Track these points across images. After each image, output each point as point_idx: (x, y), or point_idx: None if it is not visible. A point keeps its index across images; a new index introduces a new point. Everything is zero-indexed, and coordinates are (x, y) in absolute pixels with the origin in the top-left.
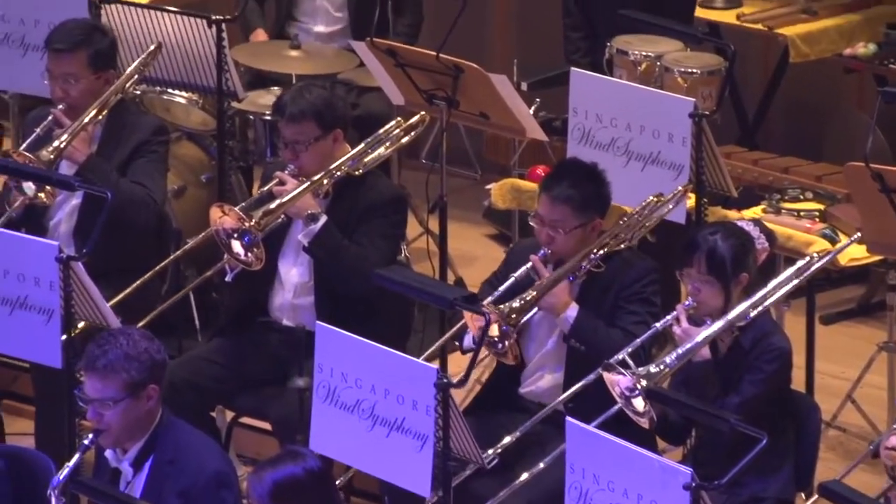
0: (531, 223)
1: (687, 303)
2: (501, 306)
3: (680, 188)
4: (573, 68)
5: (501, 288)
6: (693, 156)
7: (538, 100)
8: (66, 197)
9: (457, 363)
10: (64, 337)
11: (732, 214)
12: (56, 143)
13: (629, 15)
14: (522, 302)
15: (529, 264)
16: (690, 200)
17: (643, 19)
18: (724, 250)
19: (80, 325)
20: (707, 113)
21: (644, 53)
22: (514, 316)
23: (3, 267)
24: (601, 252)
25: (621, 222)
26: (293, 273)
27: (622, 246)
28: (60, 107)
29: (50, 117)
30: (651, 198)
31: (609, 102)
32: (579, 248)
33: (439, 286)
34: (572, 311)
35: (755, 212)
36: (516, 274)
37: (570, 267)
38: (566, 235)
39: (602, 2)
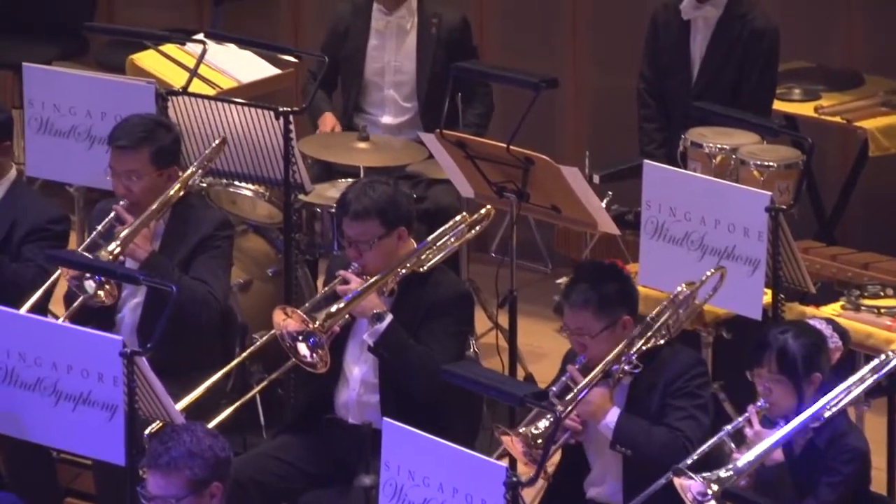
0: (560, 333)
1: (759, 403)
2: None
3: (711, 271)
4: (646, 161)
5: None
6: (769, 251)
7: (610, 192)
8: (132, 292)
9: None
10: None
11: (810, 311)
12: (117, 241)
13: (704, 107)
14: (558, 413)
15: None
16: (767, 296)
17: (718, 111)
18: (795, 349)
19: (155, 425)
20: (784, 207)
21: (719, 146)
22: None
23: (67, 362)
24: (635, 351)
25: (648, 319)
26: (358, 371)
27: (662, 342)
28: (122, 203)
29: (112, 214)
30: (681, 286)
31: (683, 196)
32: (614, 350)
33: (509, 382)
34: (612, 416)
35: (833, 308)
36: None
37: (600, 370)
38: (594, 340)
39: (677, 93)
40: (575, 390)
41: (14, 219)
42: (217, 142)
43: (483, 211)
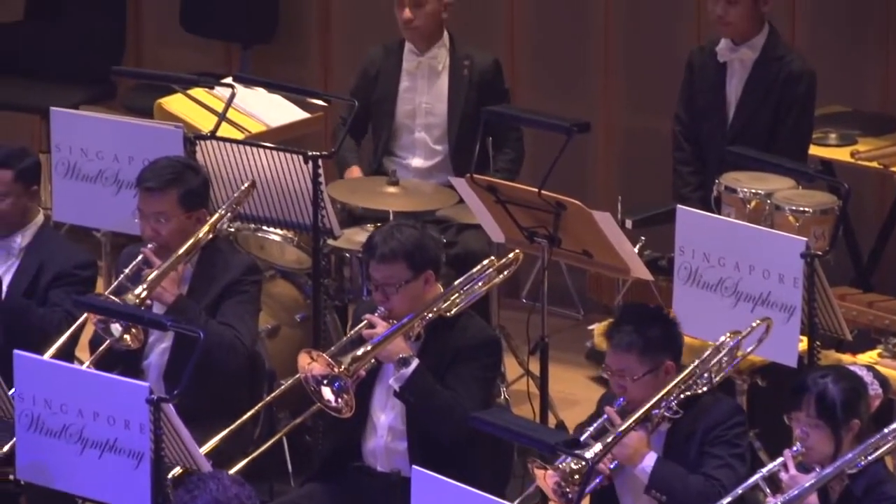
0: (603, 374)
1: (795, 448)
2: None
3: (757, 322)
4: (679, 206)
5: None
6: (805, 297)
7: (643, 238)
8: (159, 337)
9: None
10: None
11: (846, 358)
12: (143, 285)
13: (738, 151)
14: (595, 454)
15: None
16: (802, 344)
17: (753, 156)
18: (834, 394)
19: (177, 470)
20: (820, 253)
21: (753, 191)
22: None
23: (94, 409)
24: (676, 399)
25: (691, 367)
26: (385, 417)
27: (703, 389)
28: (150, 246)
29: (140, 257)
30: (725, 336)
31: (717, 241)
32: (655, 395)
33: (540, 430)
34: (649, 460)
35: (870, 356)
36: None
37: (641, 415)
38: (635, 383)
39: (713, 136)
40: (614, 433)
41: (41, 263)
42: (246, 185)
43: (511, 255)
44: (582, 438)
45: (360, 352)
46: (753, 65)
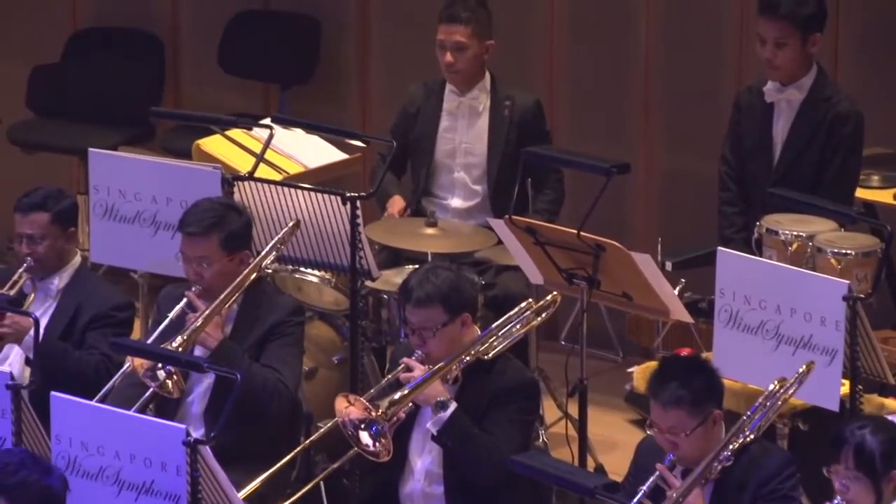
0: (649, 432)
1: (835, 501)
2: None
3: (803, 367)
4: (720, 248)
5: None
6: (847, 341)
7: (683, 280)
8: (199, 379)
9: None
10: None
11: (890, 403)
12: (188, 330)
13: (780, 193)
14: None
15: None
16: (844, 387)
17: (794, 198)
18: (873, 445)
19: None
20: (862, 296)
21: (795, 233)
22: None
23: (130, 451)
24: (732, 450)
25: (745, 418)
26: (423, 461)
27: (750, 437)
28: (194, 289)
29: (184, 300)
30: (774, 384)
31: (758, 284)
32: (705, 446)
33: (579, 473)
34: None
35: None
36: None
37: (699, 475)
38: (688, 438)
39: (759, 177)
40: (673, 495)
41: (78, 305)
42: (290, 225)
43: (550, 297)
44: (636, 500)
45: (397, 396)
46: (801, 105)
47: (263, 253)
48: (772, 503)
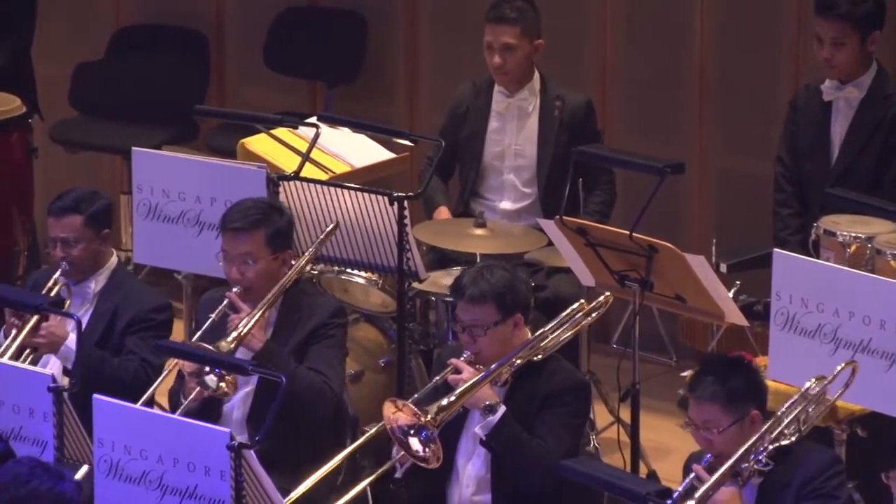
0: (685, 429)
1: None
2: None
3: (842, 365)
4: (776, 250)
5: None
6: None
7: (738, 282)
8: (241, 382)
9: None
10: None
11: None
12: (235, 333)
13: (838, 194)
14: None
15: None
16: None
17: (853, 198)
18: None
19: None
20: None
21: (853, 234)
22: None
23: (173, 455)
24: (765, 449)
25: (778, 415)
26: (471, 467)
27: (792, 439)
28: (235, 290)
29: (225, 301)
30: (811, 382)
31: (815, 286)
32: (741, 446)
33: (631, 479)
34: None
35: None
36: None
37: (728, 468)
38: (721, 435)
39: (816, 178)
40: (701, 489)
41: (115, 307)
42: (330, 227)
43: (602, 298)
44: (671, 501)
45: (445, 401)
46: (859, 104)
47: (307, 255)
48: (814, 501)
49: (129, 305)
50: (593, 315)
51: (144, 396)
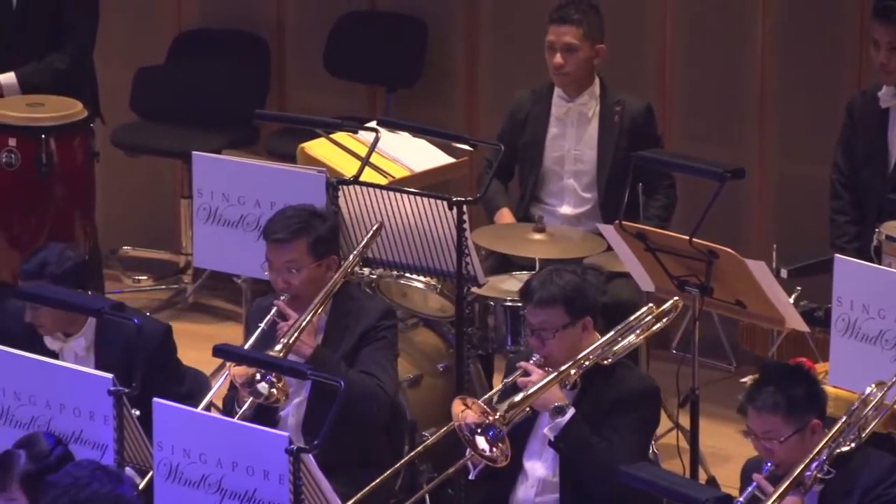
0: (745, 437)
1: None
2: None
3: None
4: (837, 255)
5: None
6: None
7: (799, 288)
8: (295, 390)
9: None
10: None
11: None
12: (284, 341)
13: None
14: None
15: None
16: None
17: None
18: None
19: None
20: None
21: None
22: None
23: (232, 459)
24: (828, 457)
25: (843, 421)
26: (538, 468)
27: (850, 446)
28: (283, 297)
29: (274, 309)
30: (871, 387)
31: (877, 292)
32: (803, 456)
33: (690, 485)
34: None
35: None
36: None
37: (792, 480)
38: (783, 445)
39: (873, 184)
40: (767, 502)
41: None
42: (374, 228)
43: (671, 303)
44: None
45: (516, 398)
46: None
47: (351, 257)
48: None
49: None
50: (663, 320)
51: (203, 402)
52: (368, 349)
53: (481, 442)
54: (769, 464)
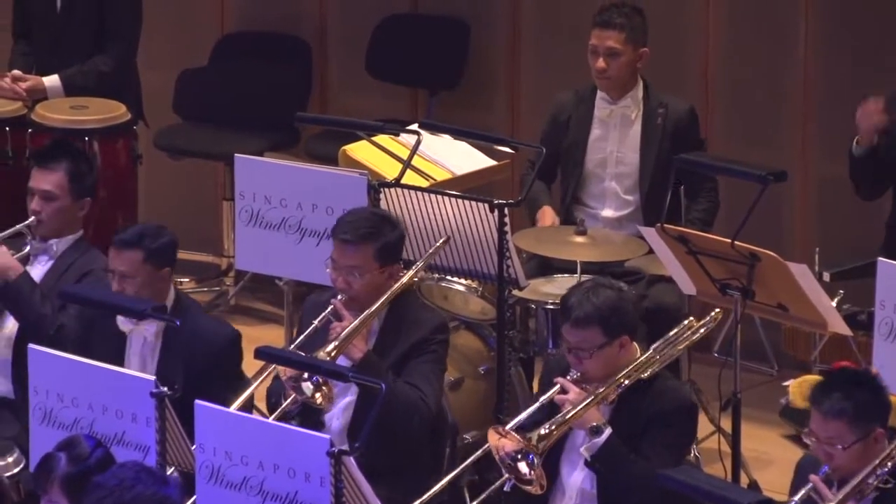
0: (805, 440)
1: None
2: None
3: None
4: (880, 259)
5: None
6: None
7: (842, 291)
8: (342, 393)
9: None
10: None
11: None
12: (336, 342)
13: None
14: None
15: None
16: None
17: None
18: None
19: None
20: None
21: None
22: None
23: (274, 461)
24: (891, 468)
25: None
26: (575, 479)
27: None
28: (340, 297)
29: (329, 308)
30: None
31: None
32: (862, 464)
33: (732, 489)
34: None
35: None
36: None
37: (854, 487)
38: (845, 452)
39: None
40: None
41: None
42: (441, 241)
43: (711, 315)
44: None
45: (552, 428)
46: None
47: (415, 269)
48: None
49: (196, 348)
50: (702, 331)
51: (240, 400)
52: (416, 361)
53: (522, 467)
54: (826, 467)
